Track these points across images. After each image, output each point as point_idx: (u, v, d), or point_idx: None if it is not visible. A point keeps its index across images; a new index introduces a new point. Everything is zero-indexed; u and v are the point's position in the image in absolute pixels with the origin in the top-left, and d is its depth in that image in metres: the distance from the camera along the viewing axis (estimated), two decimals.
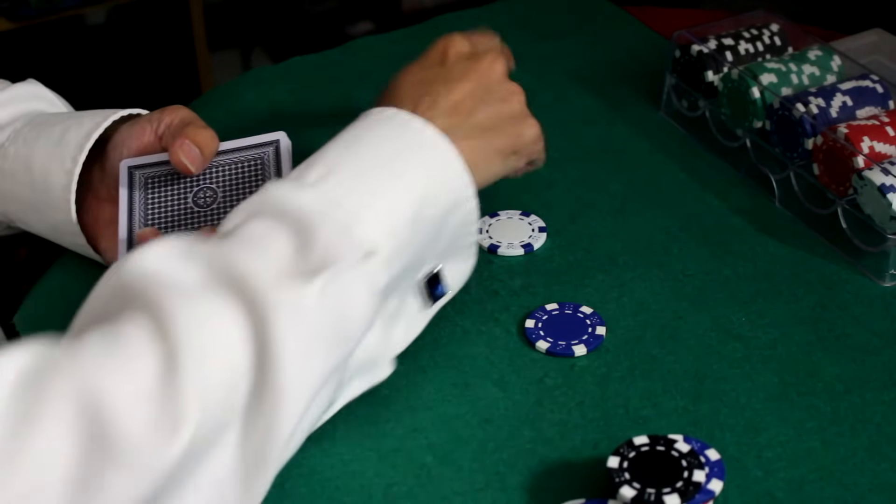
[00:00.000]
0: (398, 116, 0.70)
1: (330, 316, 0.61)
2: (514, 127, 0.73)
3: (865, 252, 0.83)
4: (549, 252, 0.86)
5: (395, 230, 0.65)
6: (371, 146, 0.68)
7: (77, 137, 0.79)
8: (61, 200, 0.79)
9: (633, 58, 1.10)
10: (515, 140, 0.74)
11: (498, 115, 0.73)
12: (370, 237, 0.64)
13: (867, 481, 0.67)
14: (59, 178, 0.79)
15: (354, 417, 0.72)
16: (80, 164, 0.78)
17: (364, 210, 0.64)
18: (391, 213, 0.65)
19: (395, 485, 0.68)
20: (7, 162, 0.81)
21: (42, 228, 0.83)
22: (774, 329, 0.78)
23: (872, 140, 0.83)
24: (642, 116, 1.02)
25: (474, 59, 0.73)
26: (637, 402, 0.73)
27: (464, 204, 0.70)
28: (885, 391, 0.73)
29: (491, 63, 0.73)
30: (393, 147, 0.68)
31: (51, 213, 0.80)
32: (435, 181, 0.68)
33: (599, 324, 0.79)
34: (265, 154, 0.79)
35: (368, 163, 0.67)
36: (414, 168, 0.67)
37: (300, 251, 0.62)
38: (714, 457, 0.67)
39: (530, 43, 1.13)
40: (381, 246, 0.64)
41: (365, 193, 0.65)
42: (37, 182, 0.80)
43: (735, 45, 0.96)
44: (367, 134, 0.69)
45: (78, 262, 0.87)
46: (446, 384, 0.75)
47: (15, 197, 0.82)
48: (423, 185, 0.67)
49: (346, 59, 1.12)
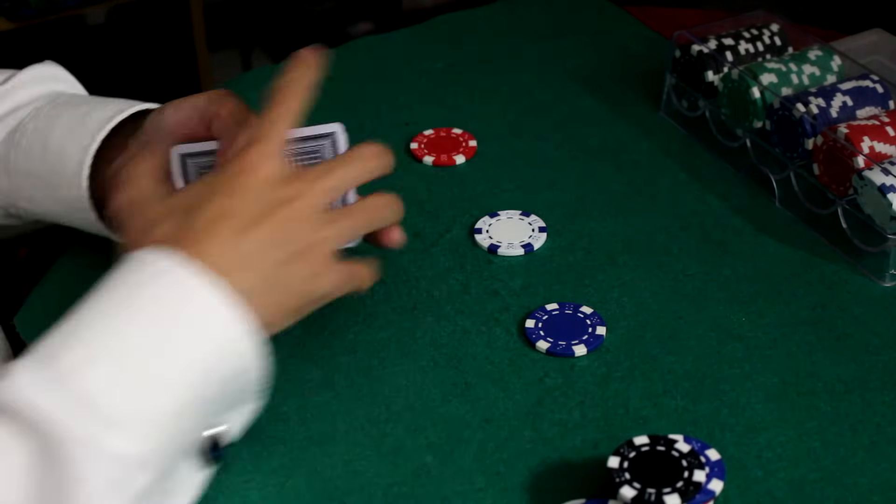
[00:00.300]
0: (173, 273, 0.60)
1: None
2: (313, 284, 0.65)
3: (865, 252, 0.83)
4: (549, 252, 0.86)
5: (158, 428, 0.58)
6: (138, 320, 0.59)
7: (100, 117, 0.78)
8: (74, 175, 0.77)
9: (633, 58, 1.10)
10: (315, 299, 0.66)
11: (298, 274, 0.64)
12: (132, 439, 0.56)
13: (867, 481, 0.67)
14: (76, 154, 0.77)
15: (354, 418, 0.73)
16: (99, 141, 0.77)
17: (124, 411, 0.57)
18: (154, 411, 0.58)
19: (396, 485, 0.68)
20: (25, 138, 0.81)
21: (51, 207, 0.82)
22: (774, 329, 0.78)
23: (872, 140, 0.83)
24: (642, 116, 1.02)
25: (283, 198, 0.63)
26: (637, 402, 0.73)
27: (250, 370, 0.62)
28: (886, 391, 0.73)
29: (302, 201, 0.63)
30: (170, 318, 0.59)
31: (63, 190, 0.79)
32: (218, 359, 0.60)
33: (599, 324, 0.79)
34: (322, 147, 0.77)
35: (138, 341, 0.58)
36: (193, 346, 0.59)
37: (44, 473, 0.55)
38: (714, 457, 0.67)
39: (530, 43, 1.13)
40: (149, 451, 0.57)
41: (128, 388, 0.57)
42: (51, 157, 0.79)
43: (735, 45, 0.96)
44: (134, 302, 0.60)
45: (78, 263, 0.87)
46: (446, 384, 0.75)
47: (28, 173, 0.81)
48: (203, 365, 0.59)
49: (346, 59, 1.12)
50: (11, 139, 0.82)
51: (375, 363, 0.77)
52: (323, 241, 0.64)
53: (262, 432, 0.71)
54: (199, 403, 0.60)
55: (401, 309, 0.81)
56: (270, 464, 0.70)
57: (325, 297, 0.66)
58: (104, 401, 0.56)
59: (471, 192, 0.92)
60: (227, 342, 0.60)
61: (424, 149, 0.97)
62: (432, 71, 1.09)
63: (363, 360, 0.77)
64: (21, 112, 0.83)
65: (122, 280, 0.61)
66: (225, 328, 0.60)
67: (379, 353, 0.77)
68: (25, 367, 0.57)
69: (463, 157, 0.96)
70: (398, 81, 1.07)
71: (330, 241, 0.65)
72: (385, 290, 0.82)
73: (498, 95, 1.05)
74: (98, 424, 0.56)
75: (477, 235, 0.87)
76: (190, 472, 0.64)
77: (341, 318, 0.80)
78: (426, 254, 0.86)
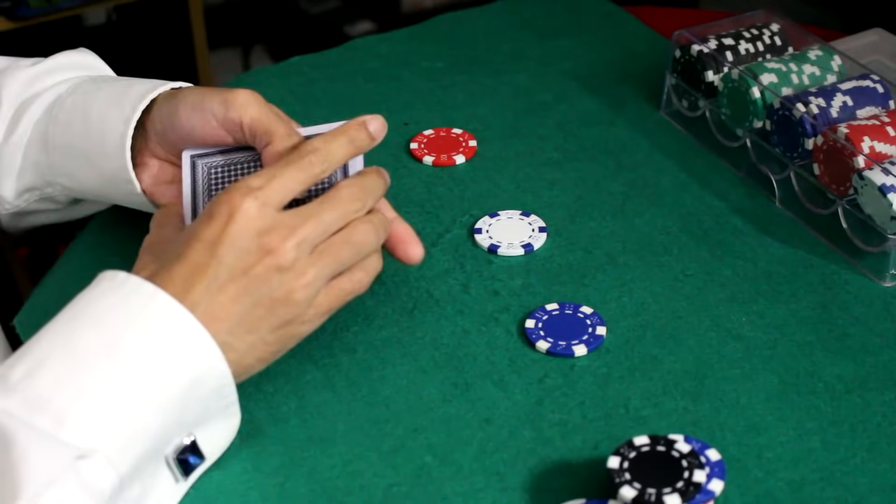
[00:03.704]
0: (128, 282, 0.63)
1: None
2: (290, 329, 0.68)
3: (866, 252, 0.83)
4: (549, 252, 0.86)
5: (121, 422, 0.60)
6: (90, 325, 0.62)
7: (139, 91, 0.78)
8: (117, 147, 0.77)
9: (633, 58, 1.10)
10: (293, 341, 0.69)
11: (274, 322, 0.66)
12: (83, 439, 0.58)
13: (867, 482, 0.67)
14: (118, 126, 0.77)
15: (354, 418, 0.73)
16: (139, 112, 0.77)
17: (77, 407, 0.59)
18: (113, 404, 0.60)
19: (396, 485, 0.68)
20: (63, 112, 0.80)
21: (92, 182, 0.81)
22: (774, 329, 0.78)
23: (873, 140, 0.83)
24: (642, 116, 1.02)
25: (264, 249, 0.65)
26: (637, 402, 0.73)
27: (209, 372, 0.64)
28: (886, 391, 0.73)
29: (278, 257, 0.65)
30: (117, 322, 0.62)
31: (105, 161, 0.78)
32: (167, 355, 0.62)
33: (599, 324, 0.79)
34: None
35: (85, 348, 0.61)
36: (139, 345, 0.61)
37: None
38: (714, 457, 0.67)
39: (530, 43, 1.13)
40: (102, 444, 0.59)
41: (80, 387, 0.59)
42: (93, 130, 0.78)
43: (735, 44, 0.96)
44: (88, 310, 0.63)
45: (78, 264, 0.87)
46: (446, 384, 0.75)
47: (68, 147, 0.80)
48: (154, 365, 0.61)
49: (346, 59, 1.12)
50: (49, 114, 0.81)
51: (375, 363, 0.77)
52: (303, 287, 0.66)
53: (262, 432, 0.72)
54: (161, 403, 0.62)
55: (401, 309, 0.81)
56: (270, 464, 0.70)
57: (304, 335, 0.69)
58: (61, 398, 0.59)
59: (471, 192, 0.92)
60: (176, 341, 0.62)
61: (424, 149, 0.97)
62: (432, 71, 1.09)
63: (363, 360, 0.77)
64: (57, 89, 0.82)
65: (81, 295, 0.64)
66: (171, 326, 0.62)
67: (379, 353, 0.77)
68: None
69: (463, 157, 0.96)
70: (398, 81, 1.07)
71: (309, 286, 0.67)
72: (385, 290, 0.82)
73: (498, 95, 1.05)
74: (55, 418, 0.58)
75: (477, 235, 0.87)
76: (168, 482, 0.65)
77: (341, 318, 0.80)
78: (426, 254, 0.86)
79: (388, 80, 1.08)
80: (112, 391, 0.60)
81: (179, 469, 0.65)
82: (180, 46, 2.43)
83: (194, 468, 0.66)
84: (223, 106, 0.73)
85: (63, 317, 0.63)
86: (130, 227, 0.88)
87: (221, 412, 0.66)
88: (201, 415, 0.65)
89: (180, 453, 0.65)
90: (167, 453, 0.64)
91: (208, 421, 0.66)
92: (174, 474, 0.65)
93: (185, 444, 0.65)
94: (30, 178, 0.82)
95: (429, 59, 1.11)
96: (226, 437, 0.68)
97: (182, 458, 0.65)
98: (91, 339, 0.61)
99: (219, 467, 0.69)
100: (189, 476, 0.66)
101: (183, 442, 0.65)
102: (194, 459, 0.65)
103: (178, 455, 0.65)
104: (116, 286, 0.64)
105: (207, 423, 0.66)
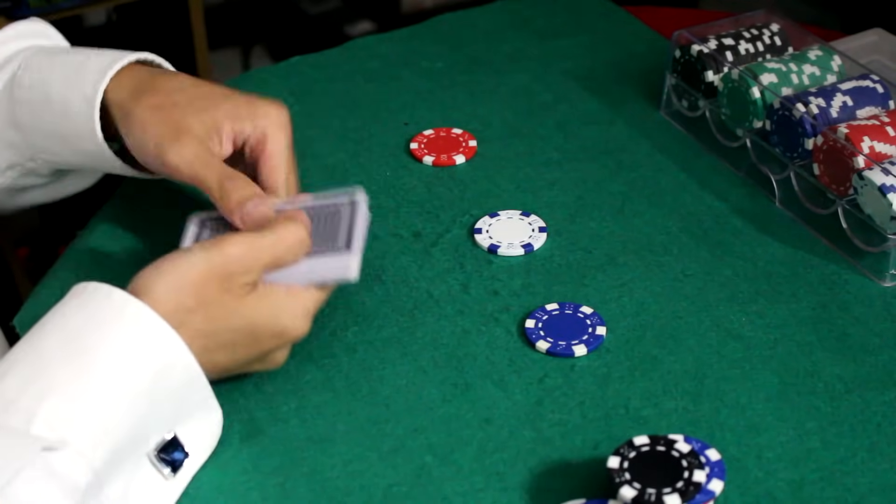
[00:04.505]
0: (88, 287, 0.65)
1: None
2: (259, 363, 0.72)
3: (866, 252, 0.83)
4: (549, 252, 0.86)
5: (89, 416, 0.60)
6: (54, 330, 0.63)
7: (98, 65, 0.77)
8: (88, 131, 0.77)
9: (633, 58, 1.10)
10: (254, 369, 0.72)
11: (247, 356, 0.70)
12: (53, 432, 0.59)
13: (868, 482, 0.67)
14: (82, 108, 0.76)
15: (354, 418, 0.73)
16: (101, 93, 0.76)
17: (44, 405, 0.60)
18: (78, 399, 0.61)
19: (396, 485, 0.68)
20: (23, 91, 0.79)
21: (75, 159, 0.81)
22: (774, 329, 0.78)
23: (873, 140, 0.83)
24: (642, 116, 1.02)
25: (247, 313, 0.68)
26: (637, 402, 0.73)
27: (175, 365, 0.65)
28: (886, 391, 0.73)
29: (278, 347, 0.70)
30: (78, 323, 0.63)
31: (79, 142, 0.78)
32: (130, 350, 0.63)
33: (599, 324, 0.79)
34: (340, 206, 0.76)
35: (49, 350, 0.62)
36: (101, 342, 0.63)
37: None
38: (714, 457, 0.67)
39: (530, 43, 1.13)
40: (72, 437, 0.60)
41: (45, 386, 0.60)
42: (57, 112, 0.78)
43: (735, 45, 0.96)
44: (54, 318, 0.64)
45: (78, 264, 0.87)
46: (446, 384, 0.75)
47: (39, 128, 0.79)
48: (116, 358, 0.62)
49: (346, 59, 1.12)
50: (10, 94, 0.80)
51: (375, 363, 0.77)
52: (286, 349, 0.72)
53: (262, 432, 0.72)
54: (132, 396, 0.62)
55: (401, 309, 0.81)
56: (270, 464, 0.70)
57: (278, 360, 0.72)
58: (29, 396, 0.60)
59: (471, 192, 0.92)
60: (137, 336, 0.63)
61: (424, 149, 0.97)
62: (432, 71, 1.09)
63: (363, 360, 0.77)
64: (11, 66, 0.81)
65: (54, 307, 0.65)
66: (132, 324, 0.63)
67: (379, 353, 0.77)
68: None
69: (463, 157, 0.96)
70: (398, 81, 1.07)
71: (288, 349, 0.72)
72: (385, 290, 0.82)
73: (498, 95, 1.05)
74: (25, 415, 0.59)
75: (477, 235, 0.87)
76: (156, 481, 0.65)
77: (341, 318, 0.80)
78: (426, 254, 0.86)
79: (388, 80, 1.08)
80: (78, 387, 0.61)
81: (165, 466, 0.65)
82: (180, 46, 2.43)
83: (180, 464, 0.66)
84: (158, 151, 0.74)
85: (33, 328, 0.65)
86: (130, 227, 0.88)
87: (199, 407, 0.67)
88: (178, 409, 0.65)
89: (162, 450, 0.65)
90: (149, 450, 0.65)
91: (188, 416, 0.66)
92: (160, 472, 0.65)
93: (167, 439, 0.65)
94: (8, 155, 0.82)
95: (429, 59, 1.11)
96: (210, 432, 0.68)
97: (165, 454, 0.65)
98: (54, 341, 0.63)
99: (219, 467, 0.69)
100: (178, 473, 0.66)
101: (164, 438, 0.65)
102: (178, 455, 0.66)
103: (159, 452, 0.65)
104: (79, 293, 0.65)
105: (187, 418, 0.66)
